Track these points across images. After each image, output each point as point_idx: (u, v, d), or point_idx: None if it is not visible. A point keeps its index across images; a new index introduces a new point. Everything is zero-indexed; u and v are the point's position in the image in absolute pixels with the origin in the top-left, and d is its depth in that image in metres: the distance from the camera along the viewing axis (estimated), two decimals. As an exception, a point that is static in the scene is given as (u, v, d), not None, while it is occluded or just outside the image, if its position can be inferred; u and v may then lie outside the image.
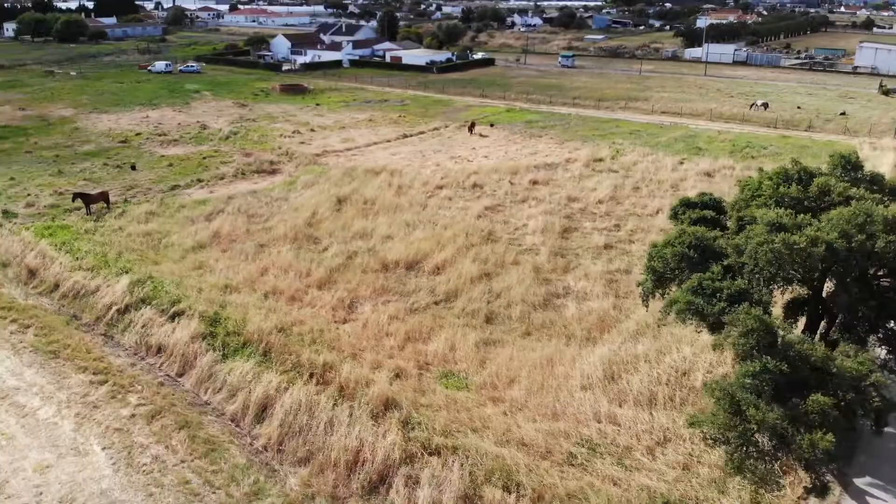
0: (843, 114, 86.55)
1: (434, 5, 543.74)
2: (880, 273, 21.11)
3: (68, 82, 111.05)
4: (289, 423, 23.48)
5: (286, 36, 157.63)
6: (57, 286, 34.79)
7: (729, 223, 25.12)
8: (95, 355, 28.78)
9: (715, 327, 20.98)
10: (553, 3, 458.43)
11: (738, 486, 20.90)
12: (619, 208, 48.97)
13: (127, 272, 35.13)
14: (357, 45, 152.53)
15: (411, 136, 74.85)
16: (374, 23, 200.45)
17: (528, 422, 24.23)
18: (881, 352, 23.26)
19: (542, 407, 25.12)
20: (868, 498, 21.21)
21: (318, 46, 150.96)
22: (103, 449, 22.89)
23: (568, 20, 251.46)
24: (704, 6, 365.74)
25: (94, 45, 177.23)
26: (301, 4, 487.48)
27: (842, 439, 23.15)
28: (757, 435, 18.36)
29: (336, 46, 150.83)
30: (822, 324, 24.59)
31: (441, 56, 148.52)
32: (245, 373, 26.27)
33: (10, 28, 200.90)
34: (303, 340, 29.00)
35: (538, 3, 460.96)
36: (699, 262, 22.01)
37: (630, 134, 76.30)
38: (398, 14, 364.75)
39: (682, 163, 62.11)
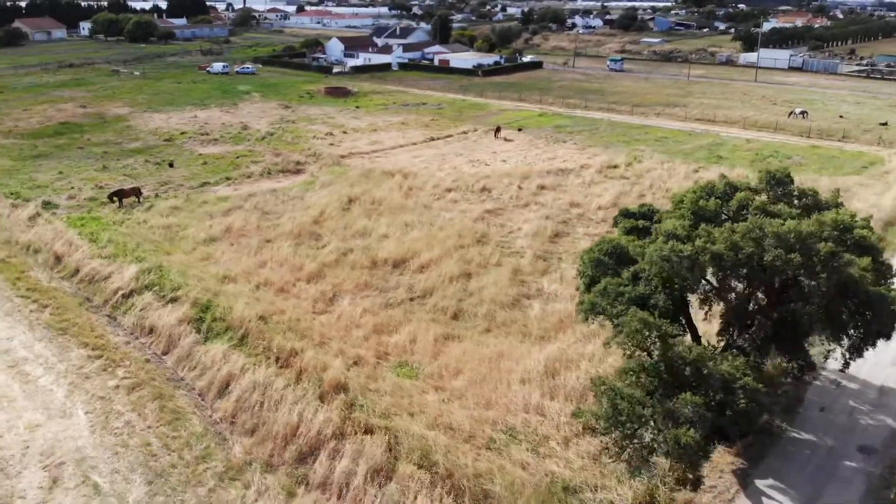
0: (884, 124, 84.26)
1: (499, 6, 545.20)
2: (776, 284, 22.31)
3: (130, 81, 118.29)
4: (244, 399, 26.36)
5: (340, 39, 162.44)
6: (77, 271, 38.88)
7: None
8: (97, 333, 32.46)
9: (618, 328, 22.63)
10: (621, 3, 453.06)
11: (640, 478, 22.51)
12: (602, 213, 50.13)
13: (140, 261, 38.91)
14: (407, 48, 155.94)
15: (438, 139, 77.32)
16: (429, 25, 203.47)
17: (462, 409, 26.37)
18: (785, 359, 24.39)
19: (479, 397, 27.18)
20: (763, 497, 22.44)
21: (370, 49, 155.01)
22: (86, 413, 26.27)
23: (628, 22, 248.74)
24: (780, 8, 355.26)
25: (162, 46, 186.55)
26: (368, 6, 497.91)
27: (756, 442, 24.66)
28: (641, 429, 19.99)
29: (387, 49, 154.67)
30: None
31: (489, 59, 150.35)
32: (218, 354, 29.32)
33: (85, 27, 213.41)
34: (279, 328, 31.89)
35: (605, 4, 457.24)
36: (613, 268, 23.66)
37: (656, 141, 76.67)
38: (461, 16, 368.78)
39: (696, 171, 62.42)
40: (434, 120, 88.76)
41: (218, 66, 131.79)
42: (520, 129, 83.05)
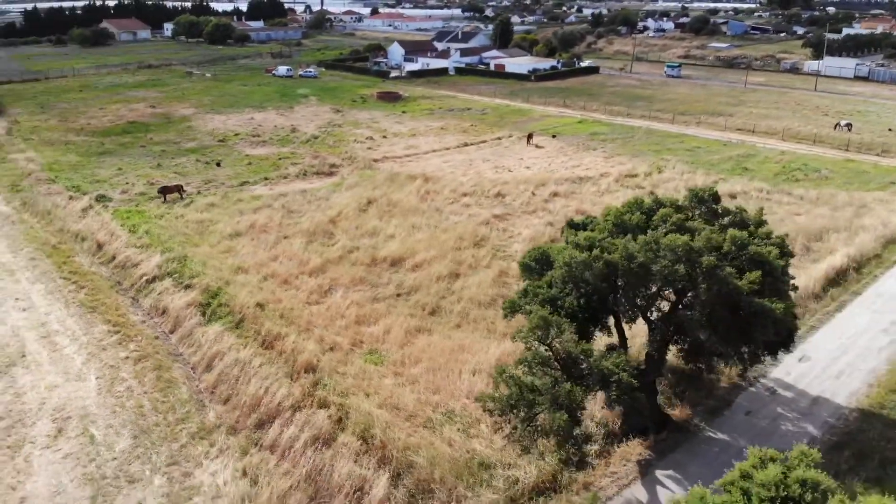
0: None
1: (575, 7, 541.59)
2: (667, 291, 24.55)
3: (201, 83, 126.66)
4: (225, 373, 30.52)
5: (401, 43, 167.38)
6: (114, 258, 44.30)
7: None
8: (120, 312, 37.47)
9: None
10: (702, 4, 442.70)
11: (529, 456, 25.19)
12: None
13: (167, 251, 43.98)
14: (465, 52, 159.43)
15: (472, 144, 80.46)
16: (490, 28, 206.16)
17: (412, 393, 29.65)
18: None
19: (430, 383, 30.38)
20: (657, 485, 24.79)
21: (429, 54, 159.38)
22: (96, 378, 31.01)
23: (700, 26, 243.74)
24: (872, 12, 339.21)
25: (237, 48, 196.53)
26: (443, 7, 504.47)
27: (670, 438, 27.01)
28: (532, 412, 22.78)
29: (445, 54, 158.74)
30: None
31: (545, 64, 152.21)
32: (213, 335, 33.65)
33: (169, 28, 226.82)
34: (273, 315, 36.01)
35: (685, 5, 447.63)
36: (538, 272, 26.43)
37: (688, 151, 77.38)
38: (533, 18, 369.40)
39: (715, 182, 62.92)
40: (473, 125, 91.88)
41: (282, 70, 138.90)
42: (554, 136, 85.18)
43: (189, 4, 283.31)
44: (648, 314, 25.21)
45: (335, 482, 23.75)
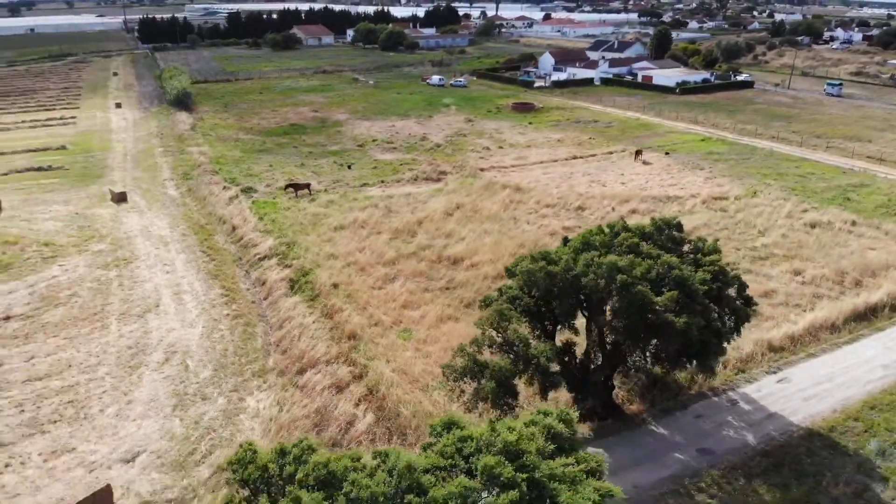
0: None
1: (766, 11, 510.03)
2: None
3: (362, 90, 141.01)
4: (289, 332, 39.93)
5: (552, 53, 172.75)
6: (241, 238, 55.99)
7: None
8: (233, 281, 48.55)
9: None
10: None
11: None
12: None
13: (282, 236, 54.82)
14: (614, 62, 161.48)
15: (580, 158, 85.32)
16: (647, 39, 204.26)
17: (422, 364, 37.15)
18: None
19: (440, 358, 37.61)
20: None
21: (577, 64, 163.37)
22: (202, 327, 41.80)
23: (889, 39, 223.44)
24: None
25: (406, 55, 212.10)
26: (621, 12, 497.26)
27: (613, 425, 32.35)
28: (476, 381, 29.38)
29: (593, 64, 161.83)
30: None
31: (696, 77, 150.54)
32: (291, 304, 43.34)
33: (350, 34, 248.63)
34: (341, 293, 45.09)
35: (892, 13, 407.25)
36: (514, 276, 32.74)
37: (799, 176, 76.72)
38: (712, 24, 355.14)
39: (805, 211, 63.57)
40: (591, 139, 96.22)
41: (435, 79, 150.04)
42: (667, 153, 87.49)
43: (371, 11, 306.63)
44: (588, 317, 30.74)
45: (334, 416, 32.00)
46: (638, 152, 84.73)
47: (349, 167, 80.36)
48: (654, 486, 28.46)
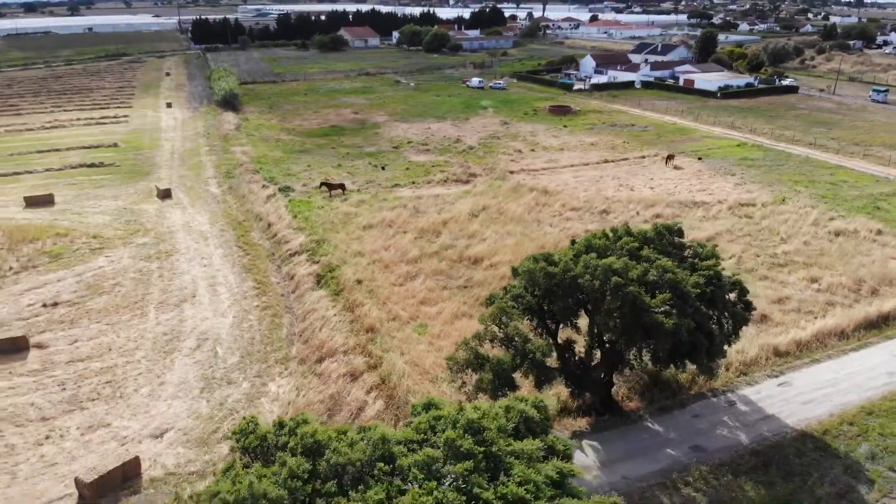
0: None
1: (822, 14, 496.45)
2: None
3: (403, 92, 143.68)
4: (312, 324, 42.45)
5: (593, 56, 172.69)
6: (275, 235, 58.93)
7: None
8: (265, 274, 51.41)
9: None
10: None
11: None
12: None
13: (313, 234, 57.55)
14: (656, 66, 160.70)
15: (611, 162, 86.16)
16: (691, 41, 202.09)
17: (434, 357, 39.14)
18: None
19: (452, 352, 39.56)
20: (577, 451, 31.82)
21: (618, 67, 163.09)
22: (232, 317, 44.67)
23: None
24: None
25: (449, 57, 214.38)
26: (671, 13, 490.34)
27: (610, 420, 33.85)
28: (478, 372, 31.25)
29: (634, 67, 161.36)
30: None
31: (739, 81, 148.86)
32: (316, 297, 45.90)
33: (395, 36, 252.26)
34: (364, 289, 47.46)
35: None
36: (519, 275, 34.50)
37: (830, 184, 76.19)
38: (763, 26, 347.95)
39: (831, 219, 63.38)
40: (625, 142, 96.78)
41: (475, 81, 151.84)
42: (699, 159, 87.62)
43: (418, 13, 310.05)
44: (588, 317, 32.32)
45: (346, 402, 34.29)
46: (669, 157, 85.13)
47: (383, 168, 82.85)
48: (642, 478, 29.90)
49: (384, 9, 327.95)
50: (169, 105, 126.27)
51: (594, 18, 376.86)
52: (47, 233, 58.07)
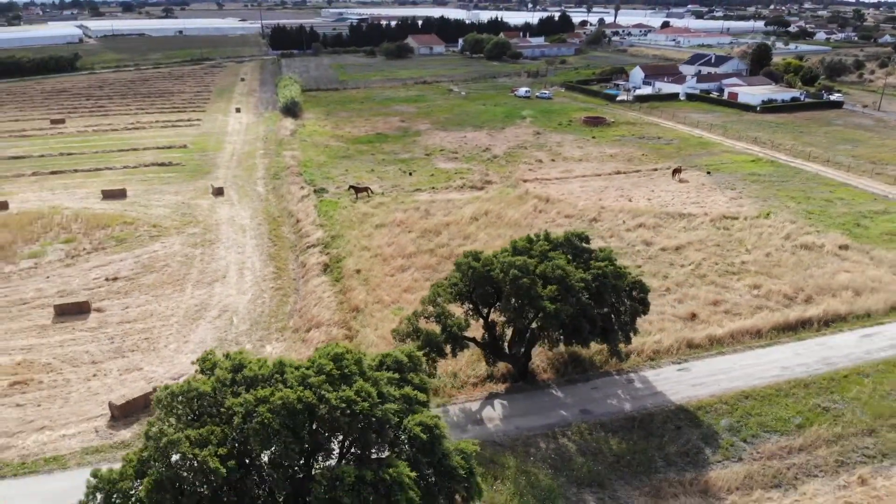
0: None
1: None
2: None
3: (452, 101, 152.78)
4: (309, 303, 52.34)
5: (642, 67, 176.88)
6: (300, 230, 69.42)
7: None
8: (285, 262, 61.83)
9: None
10: None
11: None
12: (662, 255, 62.96)
13: (330, 230, 67.65)
14: (703, 78, 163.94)
15: (623, 173, 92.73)
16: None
17: (400, 334, 48.15)
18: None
19: (414, 331, 48.57)
20: (488, 406, 40.18)
21: (666, 79, 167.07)
22: (251, 295, 55.10)
23: None
24: None
25: (509, 65, 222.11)
26: (750, 19, 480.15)
27: (524, 386, 42.04)
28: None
29: (681, 79, 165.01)
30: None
31: (785, 95, 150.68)
32: (319, 282, 55.83)
33: (461, 43, 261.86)
34: (360, 277, 57.04)
35: None
36: (458, 269, 43.13)
37: (825, 201, 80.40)
38: (841, 36, 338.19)
39: (807, 234, 68.46)
40: (644, 155, 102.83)
41: (522, 91, 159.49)
42: (708, 173, 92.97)
43: (486, 20, 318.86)
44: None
45: (318, 362, 43.80)
46: (676, 170, 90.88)
47: (410, 174, 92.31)
48: (531, 429, 38.11)
49: (453, 16, 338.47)
50: (238, 110, 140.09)
51: (665, 25, 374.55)
52: (117, 221, 70.63)
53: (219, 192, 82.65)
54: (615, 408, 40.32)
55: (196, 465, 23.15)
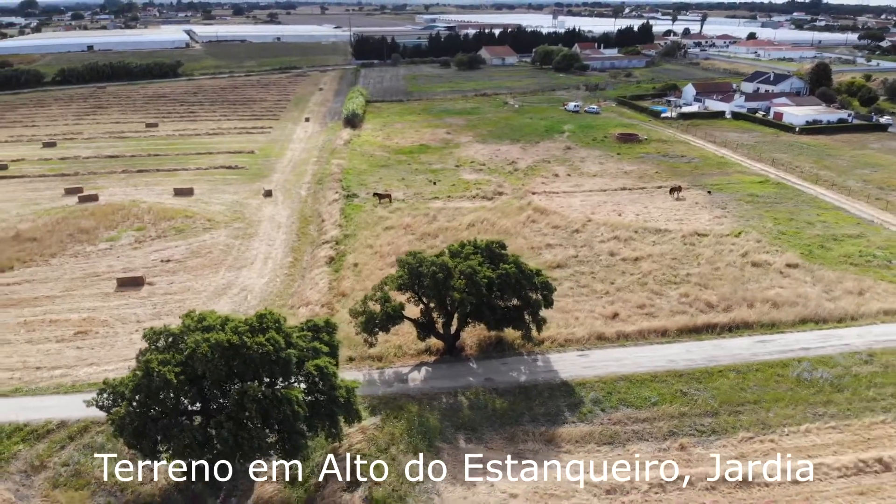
0: None
1: None
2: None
3: (503, 114, 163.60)
4: (309, 286, 65.91)
5: (693, 84, 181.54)
6: (322, 228, 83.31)
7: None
8: (302, 254, 75.80)
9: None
10: None
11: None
12: (621, 264, 72.36)
13: (346, 229, 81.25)
14: (752, 97, 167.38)
15: (627, 190, 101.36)
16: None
17: (369, 315, 60.95)
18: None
19: (382, 313, 61.25)
20: (414, 371, 52.13)
21: (715, 97, 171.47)
22: (267, 278, 69.29)
23: None
24: None
25: (573, 76, 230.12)
26: (845, 30, 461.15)
27: (443, 358, 54.08)
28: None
29: (730, 97, 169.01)
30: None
31: (831, 116, 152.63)
32: (320, 272, 69.35)
33: (534, 52, 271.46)
34: (357, 270, 70.14)
35: None
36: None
37: (807, 223, 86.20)
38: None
39: (766, 252, 75.81)
40: (657, 173, 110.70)
41: (571, 105, 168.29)
42: (709, 192, 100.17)
43: (561, 31, 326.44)
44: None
45: (298, 331, 57.23)
46: (674, 189, 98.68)
47: (434, 183, 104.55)
48: (441, 388, 49.79)
49: (530, 25, 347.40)
50: (307, 120, 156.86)
51: (751, 36, 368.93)
52: (180, 214, 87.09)
53: (268, 193, 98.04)
54: (512, 378, 51.33)
55: (159, 376, 36.71)
